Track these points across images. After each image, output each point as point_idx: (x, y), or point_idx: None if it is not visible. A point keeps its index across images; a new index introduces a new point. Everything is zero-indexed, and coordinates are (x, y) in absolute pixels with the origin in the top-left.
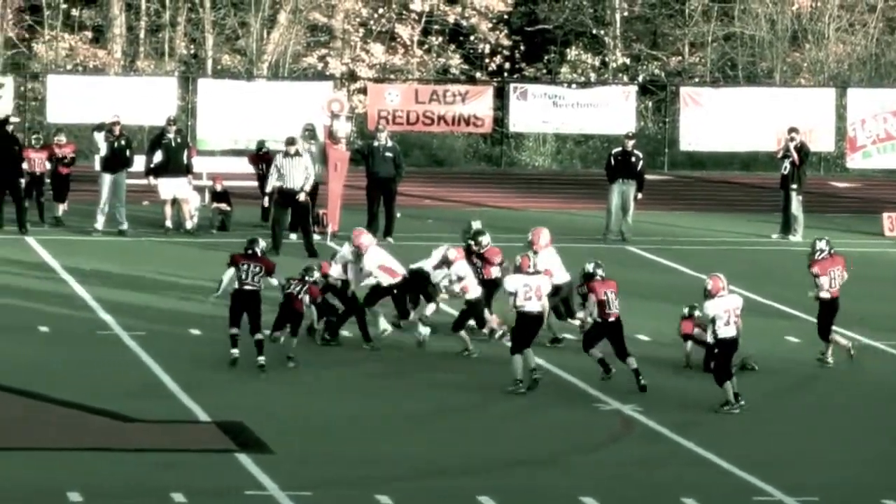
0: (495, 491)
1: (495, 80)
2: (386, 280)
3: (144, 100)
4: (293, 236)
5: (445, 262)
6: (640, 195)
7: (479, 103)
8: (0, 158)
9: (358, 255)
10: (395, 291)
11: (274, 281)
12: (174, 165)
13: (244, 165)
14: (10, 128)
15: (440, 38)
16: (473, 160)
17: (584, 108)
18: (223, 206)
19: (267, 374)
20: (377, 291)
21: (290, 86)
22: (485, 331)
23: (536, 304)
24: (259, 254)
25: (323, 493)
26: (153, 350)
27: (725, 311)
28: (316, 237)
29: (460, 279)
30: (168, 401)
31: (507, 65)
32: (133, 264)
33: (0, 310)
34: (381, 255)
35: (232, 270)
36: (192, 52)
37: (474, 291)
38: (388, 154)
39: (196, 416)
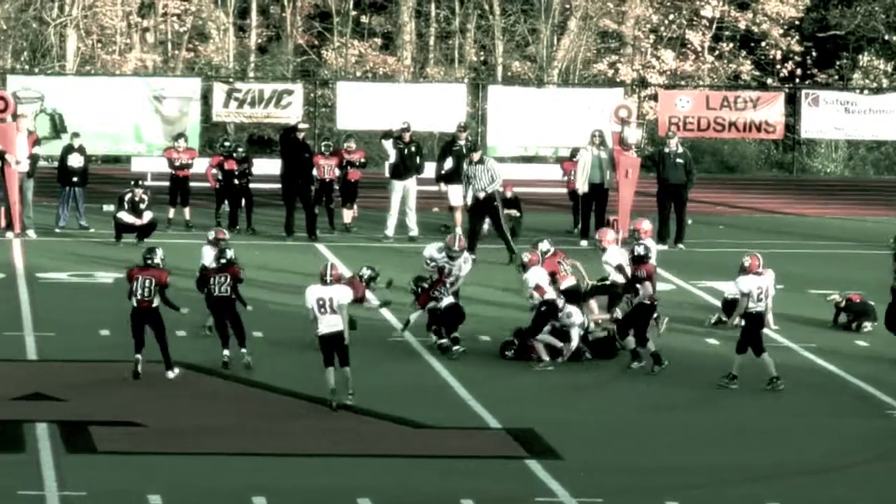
0: (784, 499)
1: (787, 86)
2: None
3: (434, 106)
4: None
5: (523, 267)
6: None
7: (771, 109)
8: (290, 165)
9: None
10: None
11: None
12: None
13: (535, 172)
14: (300, 135)
15: (731, 45)
16: (765, 167)
17: (877, 114)
18: (513, 212)
19: (555, 382)
20: None
21: (580, 92)
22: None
23: (763, 304)
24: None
25: (613, 501)
26: (444, 357)
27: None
28: None
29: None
30: (459, 408)
31: (798, 71)
32: (424, 270)
33: (292, 317)
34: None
35: None
36: (482, 58)
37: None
38: (679, 160)
39: (486, 423)
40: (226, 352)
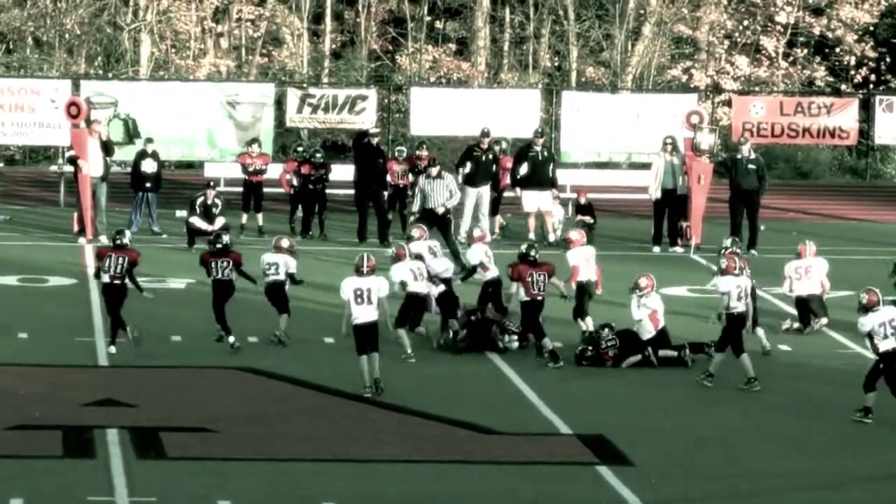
0: None
1: (861, 92)
2: None
3: (508, 112)
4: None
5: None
6: None
7: (845, 115)
8: (364, 171)
9: None
10: None
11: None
12: (540, 178)
13: (608, 178)
14: (374, 140)
15: (805, 50)
16: (838, 172)
17: None
18: (587, 218)
19: (625, 389)
20: None
21: (654, 98)
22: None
23: (743, 304)
24: None
25: None
26: (515, 362)
27: (881, 324)
28: (678, 250)
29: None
30: (529, 413)
31: (872, 77)
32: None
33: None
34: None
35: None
36: (556, 64)
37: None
38: (752, 166)
39: (557, 428)
40: (220, 331)
